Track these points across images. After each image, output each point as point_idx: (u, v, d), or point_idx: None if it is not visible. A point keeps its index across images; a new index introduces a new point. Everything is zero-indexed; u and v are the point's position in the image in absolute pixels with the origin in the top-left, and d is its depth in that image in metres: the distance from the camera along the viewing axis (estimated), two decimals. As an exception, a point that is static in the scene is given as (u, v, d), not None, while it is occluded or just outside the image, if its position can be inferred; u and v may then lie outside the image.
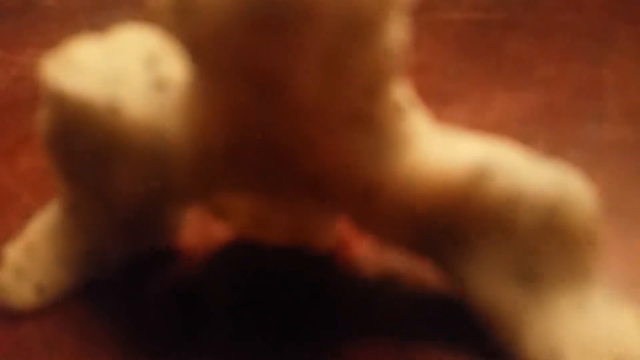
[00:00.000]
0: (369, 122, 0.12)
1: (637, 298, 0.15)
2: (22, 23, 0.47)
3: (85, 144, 0.15)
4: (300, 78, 0.11)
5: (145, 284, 0.17)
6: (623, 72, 0.26)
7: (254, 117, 0.12)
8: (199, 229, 0.19)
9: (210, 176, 0.14)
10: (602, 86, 0.25)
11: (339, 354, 0.15)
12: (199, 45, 0.11)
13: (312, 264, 0.17)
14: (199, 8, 0.10)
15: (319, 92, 0.11)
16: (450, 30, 0.32)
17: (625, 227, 0.18)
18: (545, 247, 0.13)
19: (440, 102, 0.25)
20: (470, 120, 0.24)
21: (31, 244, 0.17)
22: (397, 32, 0.11)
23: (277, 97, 0.11)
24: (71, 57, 0.15)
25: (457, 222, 0.13)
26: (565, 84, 0.26)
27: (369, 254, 0.17)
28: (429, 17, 0.11)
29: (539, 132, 0.23)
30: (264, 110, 0.12)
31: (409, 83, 0.13)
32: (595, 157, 0.21)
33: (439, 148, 0.13)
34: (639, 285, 0.16)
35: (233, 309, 0.16)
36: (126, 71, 0.14)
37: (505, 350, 0.13)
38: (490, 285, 0.13)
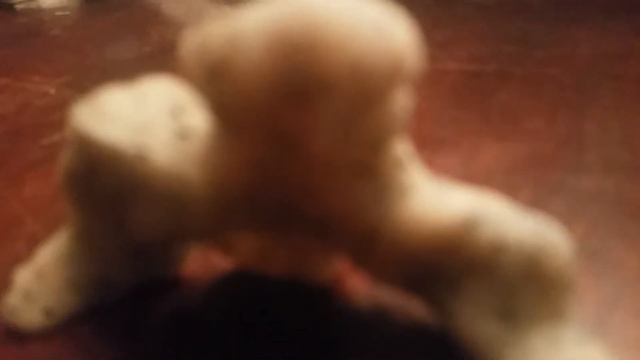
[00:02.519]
0: (372, 174, 0.14)
1: (605, 336, 0.16)
2: (29, 50, 0.49)
3: (110, 185, 0.16)
4: (316, 137, 0.12)
5: (148, 309, 0.18)
6: (604, 125, 0.28)
7: (271, 169, 0.13)
8: (201, 259, 0.20)
9: (226, 218, 0.15)
10: (584, 139, 0.27)
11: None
12: (226, 107, 0.12)
13: (310, 296, 0.18)
14: (231, 78, 0.12)
15: (331, 148, 0.13)
16: (446, 80, 0.33)
17: (599, 272, 0.19)
18: (525, 289, 0.14)
19: (434, 148, 0.27)
20: (460, 167, 0.25)
21: (41, 269, 0.18)
22: (402, 99, 0.13)
23: (294, 153, 0.13)
24: (102, 105, 0.16)
25: (447, 266, 0.15)
26: (550, 136, 0.27)
27: (362, 288, 0.18)
28: (426, 67, 0.12)
29: (523, 182, 0.24)
30: (281, 163, 0.13)
31: (406, 129, 0.14)
32: (576, 207, 0.22)
33: (434, 198, 0.14)
34: (608, 325, 0.17)
35: (231, 335, 0.17)
36: (153, 120, 0.15)
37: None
38: (475, 322, 0.14)
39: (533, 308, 0.14)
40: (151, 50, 0.47)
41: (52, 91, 0.38)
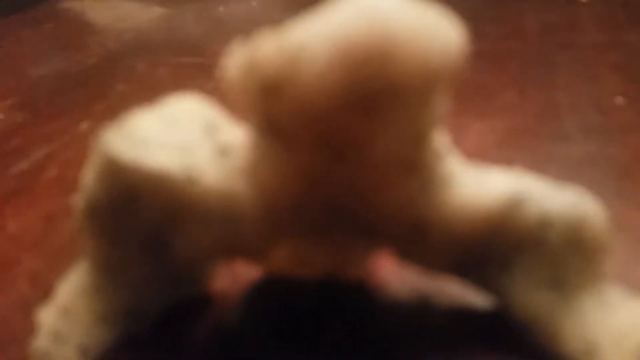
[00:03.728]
0: (416, 167, 0.14)
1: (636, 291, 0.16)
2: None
3: (152, 213, 0.15)
4: (380, 141, 0.12)
5: (184, 332, 0.18)
6: (573, 93, 0.29)
7: (323, 177, 0.13)
8: (226, 271, 0.19)
9: (275, 231, 0.15)
10: (559, 108, 0.28)
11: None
12: (282, 122, 0.12)
13: (345, 292, 0.18)
14: (291, 93, 0.12)
15: (388, 149, 0.13)
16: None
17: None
18: (570, 258, 0.15)
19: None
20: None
21: (66, 306, 0.17)
22: (442, 93, 0.13)
23: (351, 160, 0.13)
24: (134, 131, 0.15)
25: (496, 246, 0.15)
26: (526, 108, 0.28)
27: (396, 277, 0.18)
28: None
29: (513, 155, 0.25)
30: (334, 170, 0.13)
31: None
32: (570, 173, 0.23)
33: (475, 183, 0.15)
34: (636, 280, 0.18)
35: (274, 345, 0.17)
36: (190, 140, 0.15)
37: (544, 350, 0.15)
38: (528, 295, 0.15)
39: (579, 275, 0.15)
40: (96, 61, 0.45)
41: (1, 116, 0.36)
